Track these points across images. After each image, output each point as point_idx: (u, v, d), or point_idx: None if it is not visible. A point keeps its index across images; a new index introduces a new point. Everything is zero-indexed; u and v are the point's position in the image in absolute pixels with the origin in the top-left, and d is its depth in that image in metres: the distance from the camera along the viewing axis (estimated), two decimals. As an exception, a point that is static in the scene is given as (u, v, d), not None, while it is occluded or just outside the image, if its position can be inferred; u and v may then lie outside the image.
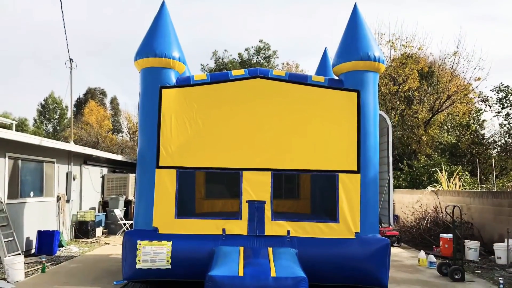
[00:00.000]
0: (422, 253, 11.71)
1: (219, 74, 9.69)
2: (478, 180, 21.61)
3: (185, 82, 9.31)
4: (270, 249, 8.46)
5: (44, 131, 56.50)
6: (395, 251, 13.27)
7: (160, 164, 8.99)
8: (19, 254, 10.24)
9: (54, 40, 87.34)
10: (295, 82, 9.33)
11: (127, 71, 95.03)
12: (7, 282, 9.10)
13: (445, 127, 31.17)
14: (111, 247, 14.09)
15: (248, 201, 8.93)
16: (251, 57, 43.55)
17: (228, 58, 43.33)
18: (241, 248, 8.44)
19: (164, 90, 9.13)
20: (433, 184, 19.29)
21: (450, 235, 12.29)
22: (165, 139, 9.05)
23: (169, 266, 8.51)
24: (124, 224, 16.60)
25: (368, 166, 9.01)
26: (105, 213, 17.64)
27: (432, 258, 11.28)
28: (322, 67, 13.05)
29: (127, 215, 18.17)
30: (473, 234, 13.92)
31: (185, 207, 9.75)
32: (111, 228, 17.28)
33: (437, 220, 14.96)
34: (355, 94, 9.14)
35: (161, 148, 9.03)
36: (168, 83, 9.17)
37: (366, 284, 8.58)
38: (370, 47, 9.16)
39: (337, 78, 9.65)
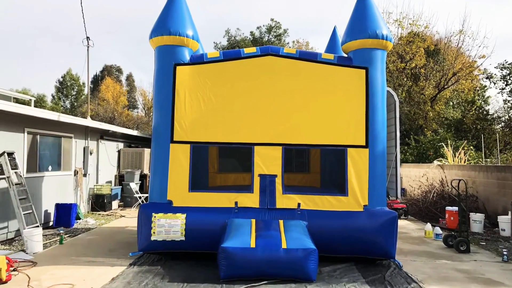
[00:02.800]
0: (429, 225, 11.87)
1: (232, 52, 9.74)
2: (483, 154, 21.75)
3: (198, 60, 9.39)
4: (281, 221, 8.54)
5: (62, 107, 56.88)
6: (402, 223, 13.49)
7: (175, 139, 9.09)
8: (38, 226, 10.33)
9: (71, 18, 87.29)
10: (305, 60, 9.37)
11: (142, 49, 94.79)
12: (26, 253, 9.30)
13: (451, 103, 31.27)
14: (127, 219, 14.29)
15: (260, 175, 9.03)
16: (263, 35, 43.61)
17: (240, 37, 43.46)
18: (253, 221, 8.54)
19: (178, 67, 9.22)
20: (439, 159, 19.42)
21: (455, 208, 12.45)
22: (179, 115, 9.14)
23: (183, 238, 8.62)
24: (140, 197, 16.93)
25: (376, 141, 9.08)
26: (121, 186, 17.84)
27: (438, 230, 11.45)
28: (332, 45, 12.99)
29: (142, 189, 18.36)
30: (477, 207, 14.08)
31: (198, 181, 9.84)
32: (126, 201, 17.54)
33: (443, 193, 15.14)
34: (364, 71, 9.19)
35: (175, 123, 9.12)
36: (182, 61, 9.27)
37: (374, 255, 8.67)
38: (378, 26, 9.20)
39: (346, 55, 9.69)
